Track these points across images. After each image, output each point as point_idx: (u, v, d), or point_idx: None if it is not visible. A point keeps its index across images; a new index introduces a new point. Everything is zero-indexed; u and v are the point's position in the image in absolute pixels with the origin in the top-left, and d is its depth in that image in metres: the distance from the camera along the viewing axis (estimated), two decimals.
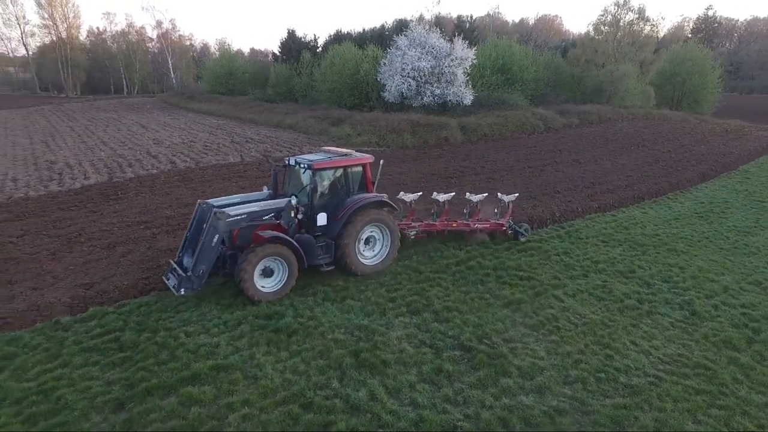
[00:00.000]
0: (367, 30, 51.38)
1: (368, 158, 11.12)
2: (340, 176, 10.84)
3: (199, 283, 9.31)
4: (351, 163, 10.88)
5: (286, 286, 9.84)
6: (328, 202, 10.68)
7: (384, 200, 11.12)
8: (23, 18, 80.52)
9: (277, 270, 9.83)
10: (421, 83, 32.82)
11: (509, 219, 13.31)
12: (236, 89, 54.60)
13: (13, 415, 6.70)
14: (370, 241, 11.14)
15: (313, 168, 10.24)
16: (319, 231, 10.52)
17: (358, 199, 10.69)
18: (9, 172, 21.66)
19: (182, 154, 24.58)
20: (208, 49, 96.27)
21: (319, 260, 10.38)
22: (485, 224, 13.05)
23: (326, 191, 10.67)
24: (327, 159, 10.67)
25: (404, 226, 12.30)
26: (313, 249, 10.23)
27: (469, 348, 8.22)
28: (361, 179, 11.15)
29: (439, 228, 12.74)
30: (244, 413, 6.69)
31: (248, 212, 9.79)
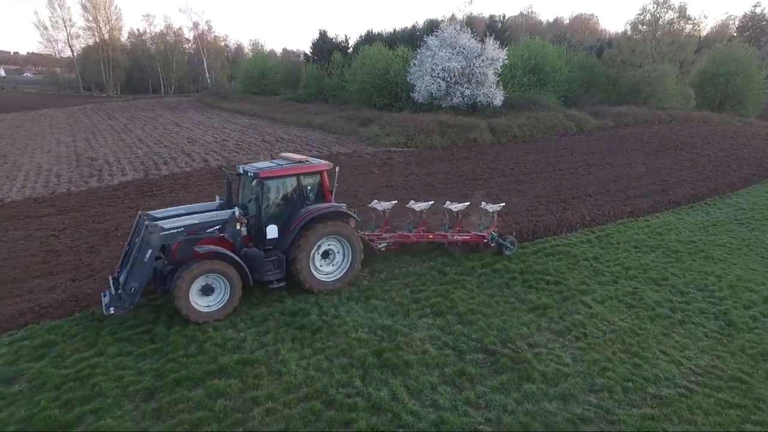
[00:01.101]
0: (398, 30, 51.43)
1: (324, 165, 10.32)
2: (292, 185, 10.04)
3: (131, 302, 8.61)
4: (304, 171, 10.05)
5: (228, 305, 9.12)
6: (279, 213, 9.97)
7: (342, 210, 10.24)
8: (69, 21, 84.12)
9: (218, 287, 9.10)
10: (450, 84, 32.64)
11: (493, 231, 12.28)
12: (268, 89, 55.52)
13: (52, 400, 7.05)
14: (329, 255, 10.32)
15: (259, 177, 9.46)
16: (269, 244, 9.75)
17: (312, 210, 9.83)
18: (53, 168, 22.72)
19: (215, 152, 25.21)
20: (241, 50, 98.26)
21: (268, 276, 9.58)
22: (465, 236, 12.17)
23: (276, 201, 9.97)
24: (276, 167, 9.94)
25: (374, 237, 11.54)
26: (261, 264, 9.44)
27: (492, 352, 8.16)
28: (318, 188, 10.31)
29: (413, 240, 11.89)
30: (267, 407, 6.84)
31: (185, 225, 9.08)
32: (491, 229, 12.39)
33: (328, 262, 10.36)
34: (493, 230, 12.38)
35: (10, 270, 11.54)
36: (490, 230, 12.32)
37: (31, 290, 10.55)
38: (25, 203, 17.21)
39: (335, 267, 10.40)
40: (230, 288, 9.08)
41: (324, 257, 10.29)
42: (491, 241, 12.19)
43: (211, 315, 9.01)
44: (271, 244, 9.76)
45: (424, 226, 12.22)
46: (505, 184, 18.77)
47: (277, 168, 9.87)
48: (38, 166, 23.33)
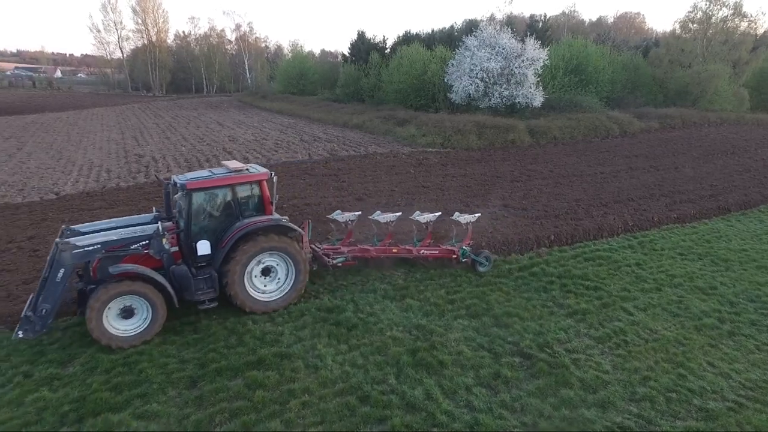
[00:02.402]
0: (436, 31, 51.21)
1: (262, 174, 9.44)
2: (225, 197, 9.25)
3: (42, 325, 7.99)
4: (237, 181, 9.19)
5: (150, 329, 8.41)
6: (212, 227, 9.22)
7: (282, 224, 9.36)
8: (120, 23, 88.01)
9: (139, 309, 8.43)
10: (489, 84, 32.29)
11: (465, 245, 11.32)
12: (306, 89, 56.45)
13: (103, 383, 7.43)
14: (271, 272, 9.54)
15: (185, 188, 8.72)
16: (201, 261, 9.03)
17: (246, 224, 9.03)
18: (104, 164, 23.86)
19: (254, 150, 25.84)
20: (281, 51, 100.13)
21: (198, 296, 8.82)
22: (433, 250, 11.23)
23: (207, 214, 9.21)
24: (205, 177, 9.21)
25: (330, 251, 10.82)
26: (189, 283, 8.73)
27: (529, 355, 8.05)
28: (257, 199, 9.48)
29: (373, 254, 10.98)
30: (304, 400, 6.98)
31: (102, 242, 8.38)
32: (465, 242, 11.41)
33: (269, 280, 9.52)
34: (467, 244, 11.37)
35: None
36: (463, 244, 11.33)
37: None
38: (78, 197, 18.16)
39: (278, 285, 9.56)
40: (152, 311, 8.36)
41: (265, 275, 9.46)
42: (462, 256, 11.18)
43: (130, 340, 8.28)
44: (204, 261, 9.03)
45: (391, 239, 11.33)
46: (544, 187, 18.42)
47: (206, 179, 9.07)
48: (90, 162, 24.55)
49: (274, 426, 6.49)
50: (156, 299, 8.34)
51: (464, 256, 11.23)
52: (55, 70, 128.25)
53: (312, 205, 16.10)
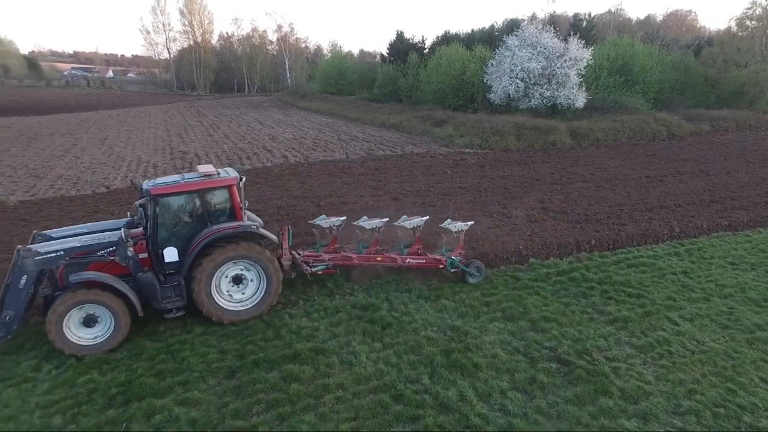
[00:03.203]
0: (476, 30, 50.71)
1: (230, 180, 9.07)
2: (192, 202, 8.96)
3: (6, 331, 8.00)
4: (204, 187, 8.86)
5: (112, 338, 8.24)
6: (180, 234, 8.96)
7: (251, 231, 9.00)
8: (168, 25, 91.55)
9: (103, 318, 8.26)
10: (529, 85, 31.69)
11: (456, 255, 10.76)
12: (345, 89, 57.01)
13: (147, 369, 7.77)
14: (242, 281, 9.23)
15: (150, 194, 8.54)
16: (169, 269, 8.82)
17: (213, 231, 8.74)
18: (150, 160, 24.88)
19: (293, 149, 26.31)
20: (321, 51, 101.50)
21: (165, 304, 8.66)
22: (420, 259, 10.72)
23: (174, 221, 8.97)
24: (172, 182, 8.93)
25: (311, 258, 10.44)
26: (155, 291, 8.56)
27: (566, 362, 7.86)
28: (226, 205, 9.12)
29: (356, 263, 10.55)
30: (338, 395, 7.07)
31: (66, 248, 8.29)
32: (456, 252, 10.86)
33: (240, 289, 9.23)
34: (458, 254, 10.83)
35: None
36: (454, 253, 10.78)
37: None
38: (127, 191, 18.99)
39: (249, 294, 9.25)
40: (114, 319, 8.20)
41: (237, 283, 9.19)
42: (450, 266, 10.65)
43: (91, 349, 8.13)
44: (172, 268, 8.81)
45: (377, 246, 10.84)
46: (585, 190, 17.92)
47: (171, 184, 8.81)
48: (138, 158, 25.64)
49: (308, 419, 6.60)
50: (118, 308, 8.13)
51: (452, 266, 10.62)
52: (107, 70, 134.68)
53: (348, 203, 16.25)
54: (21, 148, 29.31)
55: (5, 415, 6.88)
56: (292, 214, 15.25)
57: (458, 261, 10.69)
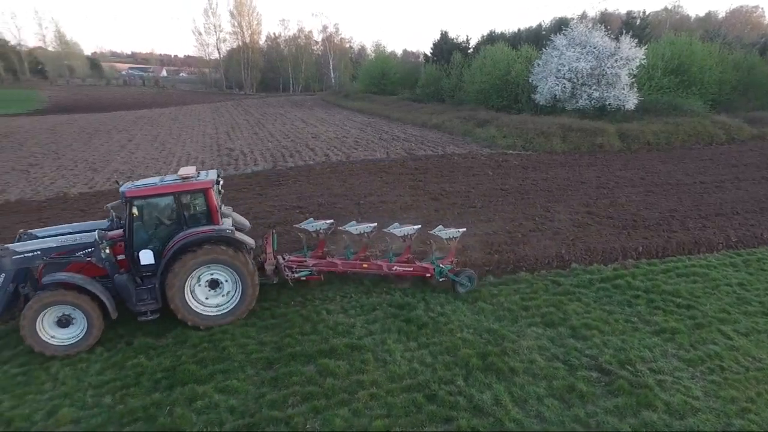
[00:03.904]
0: (522, 30, 49.76)
1: (206, 183, 8.89)
2: (168, 205, 8.95)
3: None
4: (180, 190, 8.76)
5: (85, 339, 8.28)
6: (156, 236, 8.96)
7: (226, 235, 8.80)
8: (219, 26, 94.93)
9: (77, 318, 8.31)
10: (577, 85, 30.74)
11: (446, 263, 10.33)
12: (387, 89, 57.21)
13: (191, 356, 8.10)
14: (220, 285, 9.13)
15: (125, 196, 8.48)
16: (145, 271, 8.79)
17: (187, 234, 8.66)
18: (199, 156, 25.85)
19: (335, 148, 26.65)
20: (364, 51, 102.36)
21: (139, 307, 8.64)
22: (407, 267, 10.32)
23: (150, 223, 8.97)
24: (146, 185, 8.89)
25: (294, 263, 10.16)
26: (129, 293, 8.57)
27: (607, 371, 7.59)
28: (203, 208, 9.01)
29: (341, 269, 10.27)
30: (371, 392, 7.13)
31: (42, 248, 8.42)
32: (447, 260, 10.47)
33: (217, 293, 9.12)
34: (449, 262, 10.44)
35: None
36: (442, 261, 10.39)
37: None
38: None
39: (226, 298, 9.14)
40: (86, 321, 8.23)
41: (213, 287, 9.09)
42: (438, 275, 10.26)
43: (63, 349, 8.20)
44: (148, 270, 8.80)
45: (365, 252, 10.56)
46: (633, 195, 17.22)
47: (146, 187, 8.79)
48: (188, 154, 26.70)
49: (342, 413, 6.69)
50: (90, 309, 8.16)
51: (440, 275, 10.23)
52: (161, 69, 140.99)
53: (387, 202, 16.32)
54: (82, 143, 31.17)
55: (62, 392, 7.35)
56: (332, 211, 15.45)
57: (447, 270, 10.24)
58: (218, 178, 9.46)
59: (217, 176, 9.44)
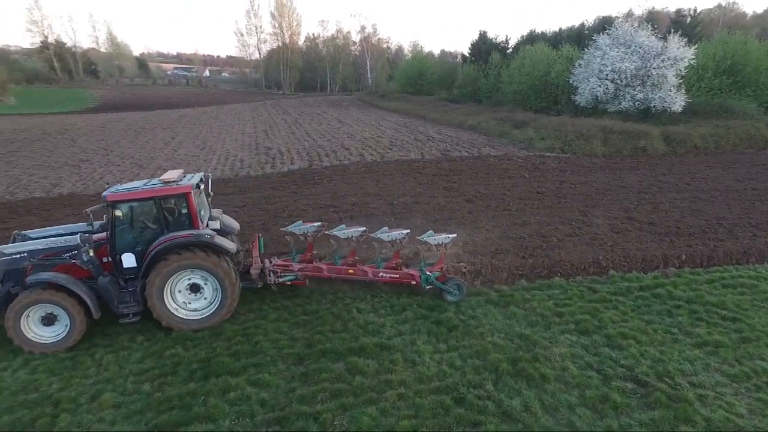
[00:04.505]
0: (564, 29, 48.56)
1: (185, 188, 8.91)
2: (148, 210, 9.04)
3: None
4: (159, 194, 8.83)
5: (68, 338, 8.48)
6: (138, 240, 9.05)
7: (204, 240, 8.77)
8: (260, 27, 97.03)
9: (61, 318, 8.52)
10: (620, 86, 29.78)
11: (430, 271, 9.97)
12: (423, 89, 57.10)
13: (225, 348, 8.34)
14: (201, 290, 9.12)
15: (106, 200, 8.65)
16: (129, 274, 8.93)
17: (166, 239, 8.74)
18: (238, 154, 26.55)
19: (370, 147, 26.81)
20: (401, 51, 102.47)
21: (121, 309, 8.79)
22: (393, 274, 10.03)
23: (131, 227, 9.07)
24: (129, 189, 9.00)
25: (280, 267, 10.06)
26: (111, 296, 8.71)
27: (644, 383, 7.34)
28: (183, 213, 9.05)
29: (326, 275, 10.08)
30: (399, 392, 7.15)
31: (29, 250, 8.68)
32: (436, 267, 10.14)
33: (198, 298, 9.14)
34: (438, 269, 10.10)
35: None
36: (434, 268, 10.07)
37: None
38: (216, 182, 20.32)
39: (206, 303, 9.15)
40: (69, 320, 8.44)
41: (194, 291, 9.11)
42: (424, 282, 9.92)
43: (47, 347, 8.45)
44: (131, 273, 8.93)
45: (353, 257, 10.38)
46: (677, 201, 16.53)
47: (128, 191, 8.89)
48: (227, 152, 27.47)
49: (370, 412, 6.74)
50: (72, 309, 8.35)
51: (427, 282, 9.91)
52: (204, 69, 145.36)
53: (421, 203, 16.29)
54: (129, 140, 32.58)
55: (105, 377, 7.73)
56: (365, 211, 15.57)
57: (434, 278, 9.93)
58: (201, 183, 9.52)
59: (200, 180, 9.52)
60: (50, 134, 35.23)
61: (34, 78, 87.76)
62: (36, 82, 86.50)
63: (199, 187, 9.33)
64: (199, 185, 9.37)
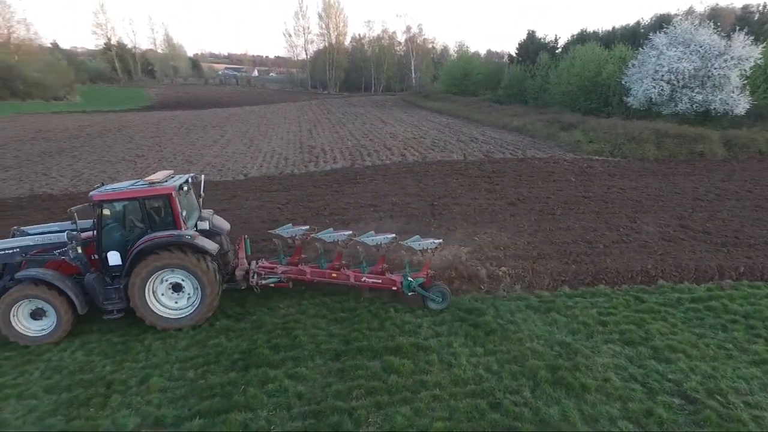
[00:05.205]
0: (617, 28, 46.76)
1: (168, 189, 9.03)
2: (133, 209, 9.23)
3: None
4: (143, 195, 8.99)
5: (55, 332, 8.80)
6: (123, 239, 9.24)
7: (184, 240, 8.89)
8: (307, 28, 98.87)
9: (49, 313, 8.83)
10: (677, 87, 28.40)
11: (413, 276, 9.72)
12: (468, 90, 56.50)
13: (265, 341, 8.58)
14: (182, 289, 9.25)
15: (92, 200, 8.81)
16: (115, 271, 9.14)
17: (147, 239, 8.90)
18: (283, 152, 27.20)
19: (412, 148, 26.79)
20: (447, 51, 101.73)
21: (106, 305, 9.04)
22: (375, 279, 9.88)
23: (117, 226, 9.30)
24: (116, 189, 9.17)
25: (264, 270, 10.09)
26: (96, 292, 8.95)
27: (693, 399, 6.98)
28: (166, 213, 9.19)
29: (308, 278, 10.02)
30: (434, 394, 7.12)
31: (21, 246, 9.07)
32: (422, 273, 9.88)
33: (180, 297, 9.31)
34: (424, 275, 9.84)
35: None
36: (419, 274, 9.83)
37: None
38: (261, 179, 21.05)
39: (185, 303, 9.32)
40: (55, 314, 8.76)
41: (176, 290, 9.28)
42: (406, 289, 9.70)
43: (35, 339, 8.79)
44: (116, 271, 9.15)
45: (339, 261, 10.25)
46: (737, 209, 15.59)
47: (112, 191, 9.07)
48: (273, 150, 28.19)
49: (404, 411, 6.75)
50: (58, 304, 8.65)
51: (408, 288, 9.68)
52: (253, 69, 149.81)
53: (462, 204, 16.14)
54: (181, 137, 34.03)
55: (153, 362, 8.13)
56: (405, 211, 15.59)
57: (416, 284, 9.70)
58: (186, 184, 9.72)
59: (185, 182, 9.70)
60: (110, 131, 37.32)
61: (97, 78, 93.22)
62: (99, 81, 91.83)
63: (182, 188, 9.50)
64: (183, 187, 9.53)
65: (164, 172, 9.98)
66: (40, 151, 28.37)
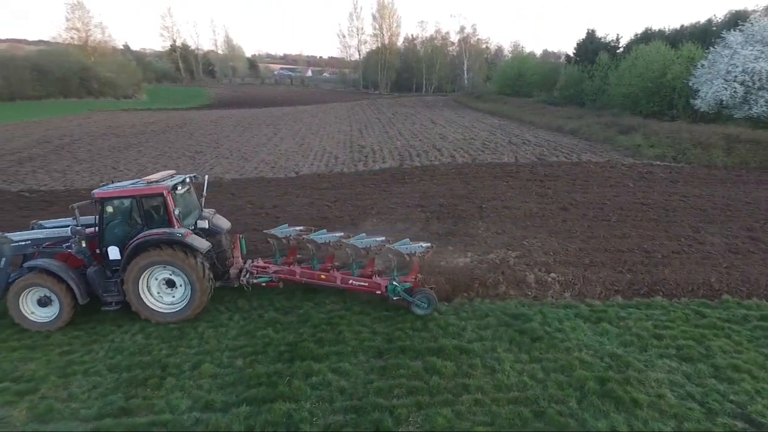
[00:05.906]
0: (686, 26, 44.09)
1: (161, 188, 9.36)
2: (131, 207, 9.65)
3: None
4: (140, 193, 9.39)
5: (57, 319, 9.31)
6: (122, 235, 9.62)
7: (175, 238, 9.18)
8: (361, 29, 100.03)
9: (54, 300, 9.33)
10: (752, 89, 26.48)
11: (399, 281, 9.52)
12: (522, 91, 55.17)
13: (310, 335, 8.78)
14: (175, 285, 9.57)
15: (94, 197, 9.29)
16: (115, 265, 9.55)
17: (141, 236, 9.24)
18: (333, 151, 27.68)
19: (462, 149, 26.52)
20: (501, 51, 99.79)
21: (105, 297, 9.51)
22: (362, 282, 9.77)
23: (117, 222, 9.69)
24: (116, 188, 9.59)
25: (257, 269, 10.32)
26: (96, 284, 9.41)
27: (758, 423, 6.50)
28: (162, 212, 9.54)
29: (298, 279, 10.13)
30: (476, 398, 7.03)
31: (33, 239, 9.66)
32: (410, 277, 9.70)
33: (172, 292, 9.65)
34: (411, 279, 9.66)
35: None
36: (407, 278, 9.66)
37: None
38: (311, 177, 21.52)
39: (177, 298, 9.65)
40: (58, 303, 9.27)
41: (170, 286, 9.61)
42: (390, 293, 9.50)
43: (40, 325, 9.33)
44: (116, 265, 9.55)
45: (331, 262, 10.26)
46: None
47: (112, 189, 9.54)
48: (323, 149, 28.75)
49: (445, 413, 6.71)
50: (60, 292, 9.16)
51: (393, 293, 9.50)
52: (307, 70, 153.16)
53: (511, 208, 15.81)
54: (237, 135, 35.38)
55: (205, 349, 8.52)
56: (453, 212, 15.47)
57: (402, 289, 9.49)
58: (183, 184, 10.07)
59: (182, 182, 10.04)
60: (172, 128, 39.37)
61: (162, 77, 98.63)
62: (163, 81, 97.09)
63: (177, 188, 9.83)
64: (177, 186, 9.87)
65: (165, 172, 10.42)
66: (110, 146, 30.38)
